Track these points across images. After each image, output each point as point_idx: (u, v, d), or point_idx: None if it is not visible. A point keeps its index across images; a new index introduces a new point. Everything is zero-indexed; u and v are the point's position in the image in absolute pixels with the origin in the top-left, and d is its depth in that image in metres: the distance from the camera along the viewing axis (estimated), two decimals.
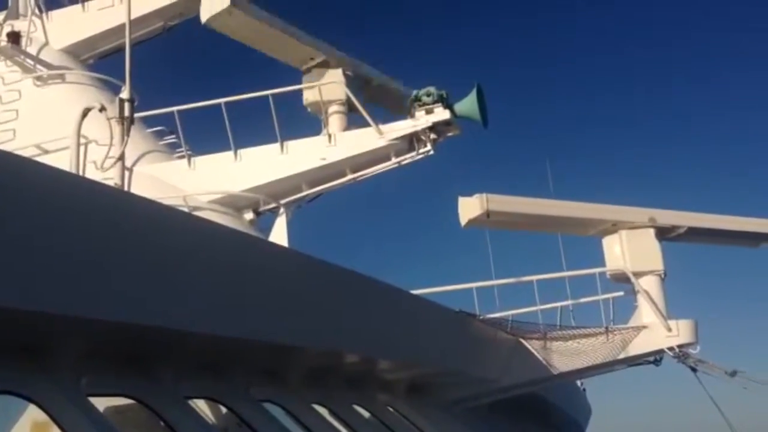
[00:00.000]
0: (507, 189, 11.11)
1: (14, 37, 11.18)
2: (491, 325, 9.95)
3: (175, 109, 10.67)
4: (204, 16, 10.26)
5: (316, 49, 11.04)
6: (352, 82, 11.17)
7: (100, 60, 12.24)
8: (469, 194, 10.49)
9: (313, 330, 6.19)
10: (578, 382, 17.03)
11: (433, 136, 10.84)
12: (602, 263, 11.15)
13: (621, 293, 11.13)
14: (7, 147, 10.44)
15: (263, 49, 10.96)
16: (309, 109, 11.28)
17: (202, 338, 5.03)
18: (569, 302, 11.01)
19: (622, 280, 11.04)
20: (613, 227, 11.09)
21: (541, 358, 10.30)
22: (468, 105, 10.83)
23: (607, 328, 10.59)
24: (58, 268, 3.96)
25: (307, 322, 6.10)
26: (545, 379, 10.84)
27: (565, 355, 10.34)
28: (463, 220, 10.45)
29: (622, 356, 10.73)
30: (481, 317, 9.91)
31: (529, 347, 10.27)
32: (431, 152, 10.87)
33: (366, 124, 10.85)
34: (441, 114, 10.73)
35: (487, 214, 10.29)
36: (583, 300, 11.11)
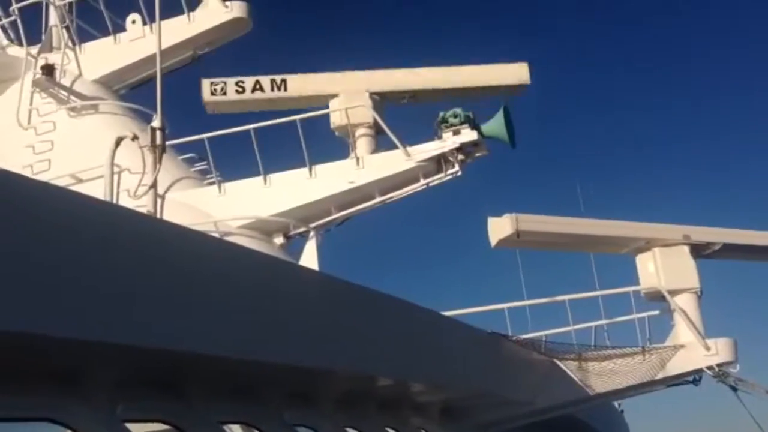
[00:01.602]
0: (536, 209, 11.04)
1: (48, 70, 11.44)
2: (524, 346, 9.84)
3: (205, 136, 10.81)
4: None
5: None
6: (378, 104, 11.25)
7: (132, 90, 12.48)
8: (499, 214, 10.43)
9: (345, 353, 6.17)
10: (616, 403, 16.72)
11: (460, 157, 10.83)
12: (636, 282, 10.99)
13: (656, 312, 10.95)
14: (43, 177, 10.65)
15: None
16: (337, 133, 11.36)
17: (235, 363, 5.04)
18: (604, 322, 10.85)
19: (657, 298, 10.86)
20: (647, 245, 10.93)
21: (576, 379, 10.14)
22: (495, 125, 10.81)
23: (643, 347, 10.41)
24: (92, 295, 4.01)
25: (339, 345, 6.09)
26: (581, 401, 10.65)
27: (601, 375, 10.17)
28: (493, 240, 10.38)
29: (660, 376, 10.53)
30: (513, 338, 9.80)
31: (564, 368, 10.12)
32: (459, 173, 10.86)
33: (394, 146, 10.88)
34: (468, 135, 10.73)
35: (518, 234, 10.22)
36: (618, 319, 10.94)
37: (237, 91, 11.25)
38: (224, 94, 11.23)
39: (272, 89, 11.33)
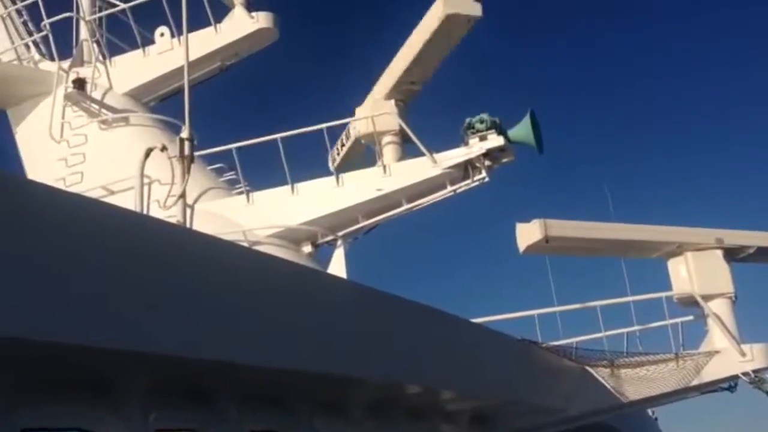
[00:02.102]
0: (564, 214, 10.93)
1: (80, 84, 11.63)
2: (555, 352, 9.73)
3: (233, 146, 10.91)
4: None
5: None
6: (403, 111, 11.26)
7: (162, 102, 12.63)
8: (527, 220, 10.35)
9: (374, 361, 6.16)
10: (649, 411, 16.46)
11: (487, 163, 10.77)
12: (668, 287, 10.82)
13: (690, 317, 10.76)
14: (76, 189, 10.83)
15: None
16: (363, 141, 11.39)
17: (265, 371, 5.06)
18: (636, 328, 10.70)
19: (690, 303, 10.68)
20: (678, 249, 10.76)
21: (609, 386, 10.00)
22: (522, 131, 10.74)
23: (677, 354, 10.24)
24: (123, 304, 4.05)
25: (368, 353, 6.08)
26: (614, 408, 10.50)
27: (634, 382, 10.02)
28: (522, 246, 10.29)
29: (694, 383, 10.34)
30: (544, 345, 9.70)
31: (596, 375, 9.99)
32: (486, 179, 10.79)
33: (420, 154, 10.87)
34: (495, 140, 10.67)
35: (546, 239, 10.12)
36: (650, 325, 10.78)
37: None
38: None
39: None
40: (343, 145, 11.75)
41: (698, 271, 10.60)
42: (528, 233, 10.20)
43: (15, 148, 12.27)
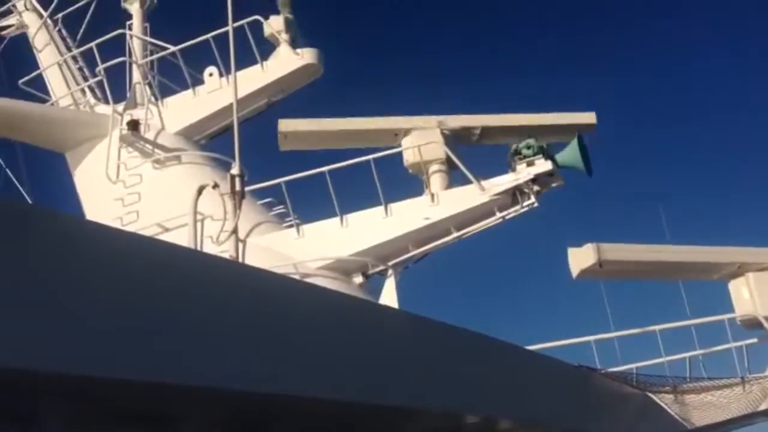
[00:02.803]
0: (615, 236, 10.74)
1: (134, 125, 11.98)
2: (615, 379, 9.50)
3: (282, 180, 11.05)
4: None
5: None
6: (450, 140, 11.26)
7: (212, 140, 12.91)
8: (579, 244, 10.21)
9: (431, 391, 6.10)
10: None
11: (536, 188, 10.69)
12: (730, 308, 10.50)
13: (754, 340, 10.42)
14: (132, 227, 11.12)
15: None
16: (410, 170, 11.42)
17: (323, 403, 5.06)
18: (699, 352, 10.40)
19: (754, 325, 10.34)
20: (739, 270, 10.46)
21: (673, 413, 9.70)
22: (570, 154, 10.64)
23: (743, 378, 9.90)
24: (180, 339, 4.11)
25: (424, 383, 6.02)
26: None
27: (699, 408, 9.70)
28: (575, 271, 10.15)
29: (762, 408, 9.96)
30: (603, 371, 9.48)
31: (659, 401, 9.70)
32: (535, 205, 10.70)
33: (468, 182, 10.84)
34: (543, 165, 10.59)
35: (600, 263, 9.96)
36: (713, 349, 10.47)
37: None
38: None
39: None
40: None
41: (761, 291, 10.27)
42: (581, 258, 10.06)
43: (73, 190, 12.66)
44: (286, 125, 11.56)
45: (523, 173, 10.61)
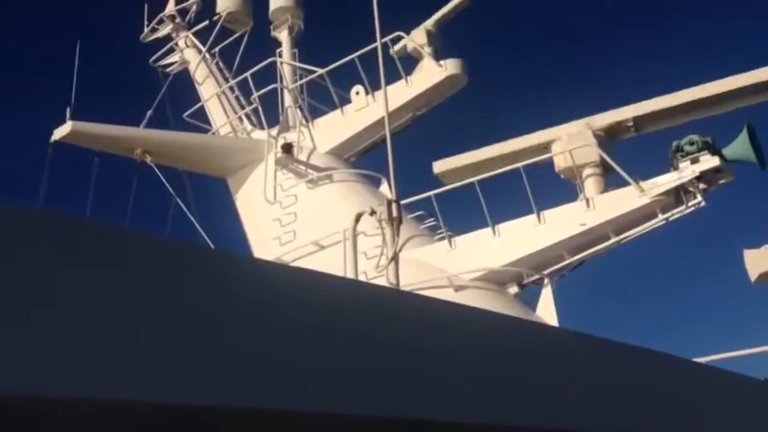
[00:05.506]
0: None
1: (287, 148, 12.52)
2: None
3: (432, 193, 11.12)
4: None
5: None
6: (602, 139, 10.84)
7: (361, 156, 13.22)
8: (756, 246, 9.45)
9: (596, 412, 5.85)
10: None
11: (702, 186, 10.03)
12: None
13: None
14: (290, 246, 11.62)
15: None
16: (562, 176, 11.10)
17: (483, 428, 4.99)
18: None
19: None
20: None
21: None
22: (740, 147, 9.91)
23: None
24: (343, 369, 4.19)
25: (588, 404, 5.79)
26: None
27: None
28: (753, 275, 9.40)
29: None
30: None
31: None
32: (702, 204, 10.04)
33: (624, 183, 10.38)
34: (709, 161, 9.92)
35: None
36: None
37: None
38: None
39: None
40: None
41: None
42: (760, 260, 9.31)
43: (235, 213, 13.40)
44: (439, 166, 11.61)
45: (687, 171, 10.00)
